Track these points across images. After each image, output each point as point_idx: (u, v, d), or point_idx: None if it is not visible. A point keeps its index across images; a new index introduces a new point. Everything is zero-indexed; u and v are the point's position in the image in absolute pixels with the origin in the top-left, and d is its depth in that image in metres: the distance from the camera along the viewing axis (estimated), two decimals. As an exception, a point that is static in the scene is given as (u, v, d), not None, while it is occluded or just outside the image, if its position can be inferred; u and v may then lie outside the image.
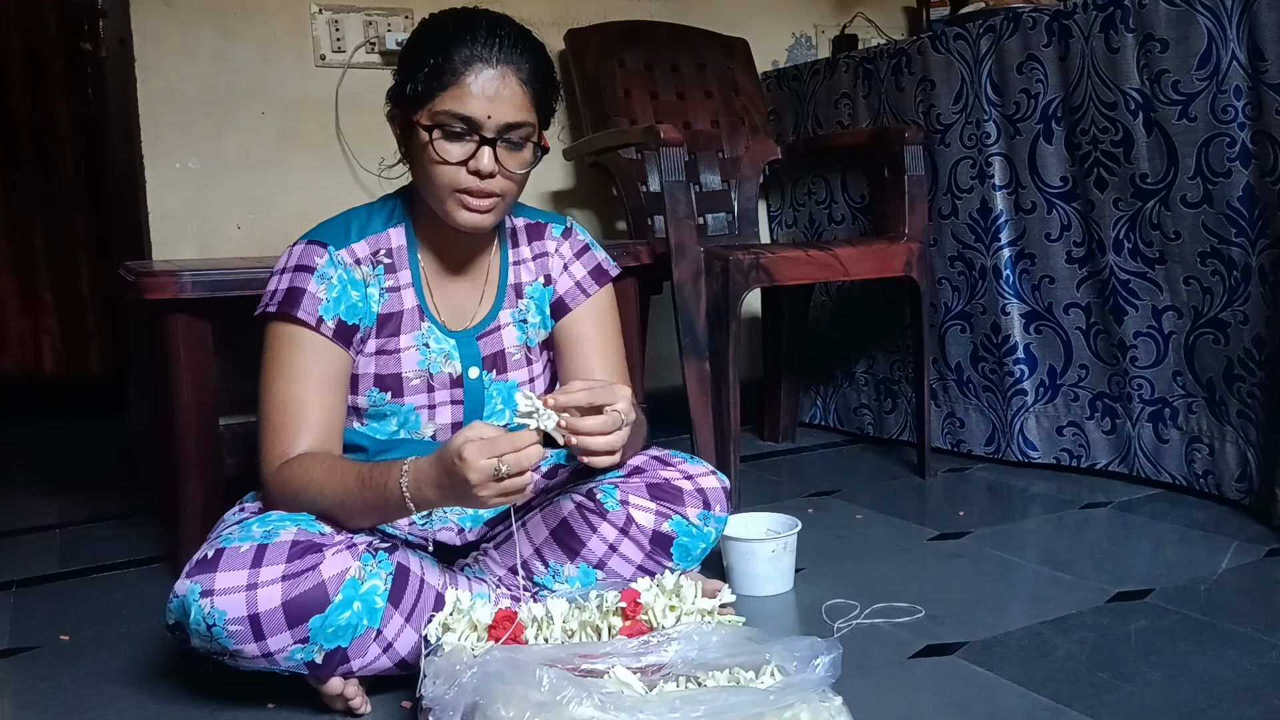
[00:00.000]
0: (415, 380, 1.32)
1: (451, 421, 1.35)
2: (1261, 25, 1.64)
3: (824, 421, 2.63)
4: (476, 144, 1.21)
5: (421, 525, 1.37)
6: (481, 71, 1.20)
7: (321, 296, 1.24)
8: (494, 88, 1.20)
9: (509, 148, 1.23)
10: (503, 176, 1.23)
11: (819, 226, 2.54)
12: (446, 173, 1.22)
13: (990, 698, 1.18)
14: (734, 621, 1.13)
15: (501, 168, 1.22)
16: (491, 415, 1.37)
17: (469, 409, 1.35)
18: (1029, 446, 2.15)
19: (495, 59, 1.20)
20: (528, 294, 1.40)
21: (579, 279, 1.42)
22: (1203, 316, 1.84)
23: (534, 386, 1.41)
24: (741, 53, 2.62)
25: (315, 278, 1.25)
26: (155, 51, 2.14)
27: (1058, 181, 2.01)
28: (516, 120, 1.22)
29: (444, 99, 1.20)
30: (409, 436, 1.33)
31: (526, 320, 1.40)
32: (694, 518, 1.34)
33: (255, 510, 1.26)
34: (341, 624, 1.13)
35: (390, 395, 1.31)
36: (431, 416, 1.34)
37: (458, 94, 1.19)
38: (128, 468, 2.49)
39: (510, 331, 1.38)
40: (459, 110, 1.20)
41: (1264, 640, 1.29)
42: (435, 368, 1.33)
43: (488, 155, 1.21)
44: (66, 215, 3.29)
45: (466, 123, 1.20)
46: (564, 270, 1.42)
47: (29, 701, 1.27)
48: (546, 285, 1.42)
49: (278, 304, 1.25)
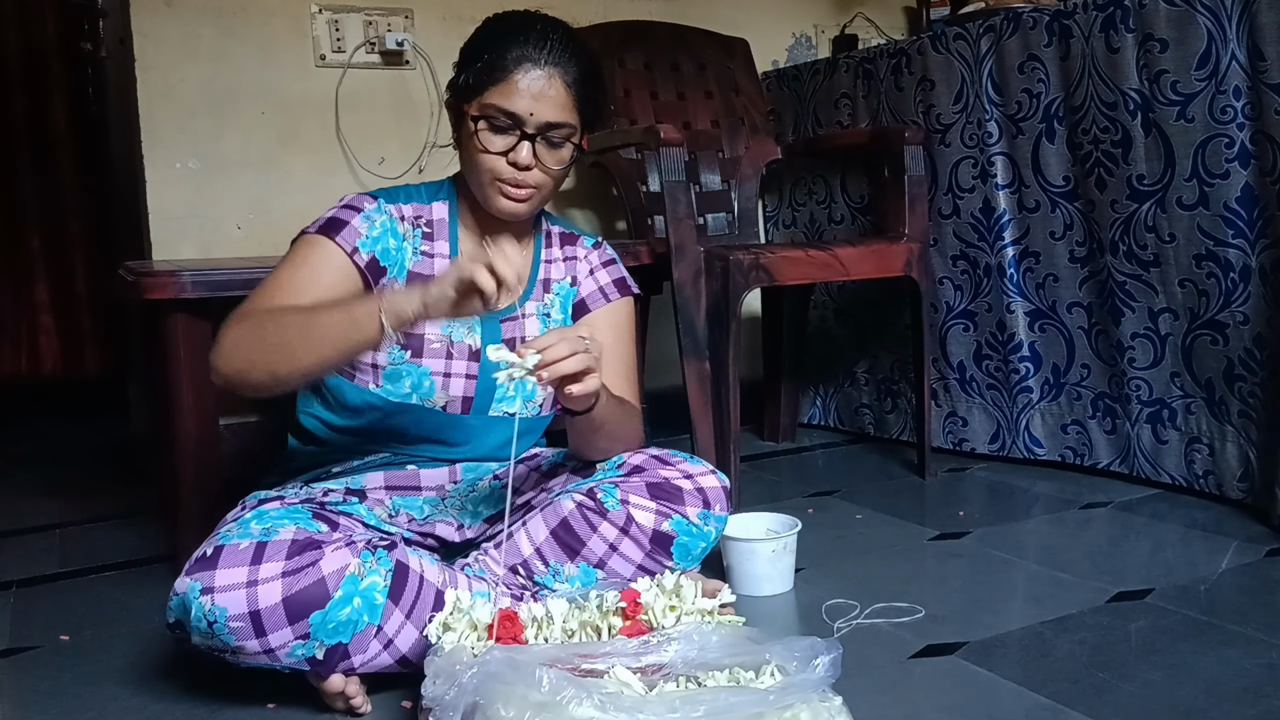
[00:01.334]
0: (436, 344, 1.35)
1: (463, 395, 1.37)
2: (1261, 25, 1.64)
3: (824, 421, 2.63)
4: (518, 138, 1.28)
5: (421, 521, 1.38)
6: (529, 71, 1.27)
7: (362, 233, 1.31)
8: (539, 87, 1.27)
9: (548, 145, 1.30)
10: (540, 171, 1.31)
11: (819, 226, 2.54)
12: (488, 161, 1.29)
13: (990, 698, 1.18)
14: (734, 621, 1.13)
15: (539, 163, 1.30)
16: (503, 400, 1.40)
17: (481, 387, 1.38)
18: (1035, 443, 2.15)
19: (544, 60, 1.28)
20: (554, 289, 1.46)
21: (602, 284, 1.48)
22: (1199, 318, 1.84)
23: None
24: (741, 53, 2.62)
25: (361, 217, 1.32)
26: (155, 51, 2.14)
27: (1060, 181, 2.01)
28: (558, 120, 1.29)
29: (492, 93, 1.28)
30: (421, 403, 1.35)
31: (550, 314, 1.45)
32: (694, 517, 1.34)
33: (254, 506, 1.26)
34: (342, 620, 1.13)
35: (410, 354, 1.34)
36: (445, 385, 1.36)
37: (505, 90, 1.27)
38: (128, 468, 2.49)
39: (534, 322, 1.43)
40: (504, 105, 1.27)
41: (1264, 640, 1.29)
42: (457, 336, 1.36)
43: (526, 150, 1.28)
44: (65, 215, 3.29)
45: (510, 117, 1.28)
46: (590, 275, 1.48)
47: (29, 701, 1.26)
48: (572, 286, 1.48)
49: (318, 227, 1.30)
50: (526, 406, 1.43)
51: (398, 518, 1.37)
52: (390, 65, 2.32)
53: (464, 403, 1.38)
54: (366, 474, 1.39)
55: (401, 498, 1.40)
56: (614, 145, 2.27)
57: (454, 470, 1.43)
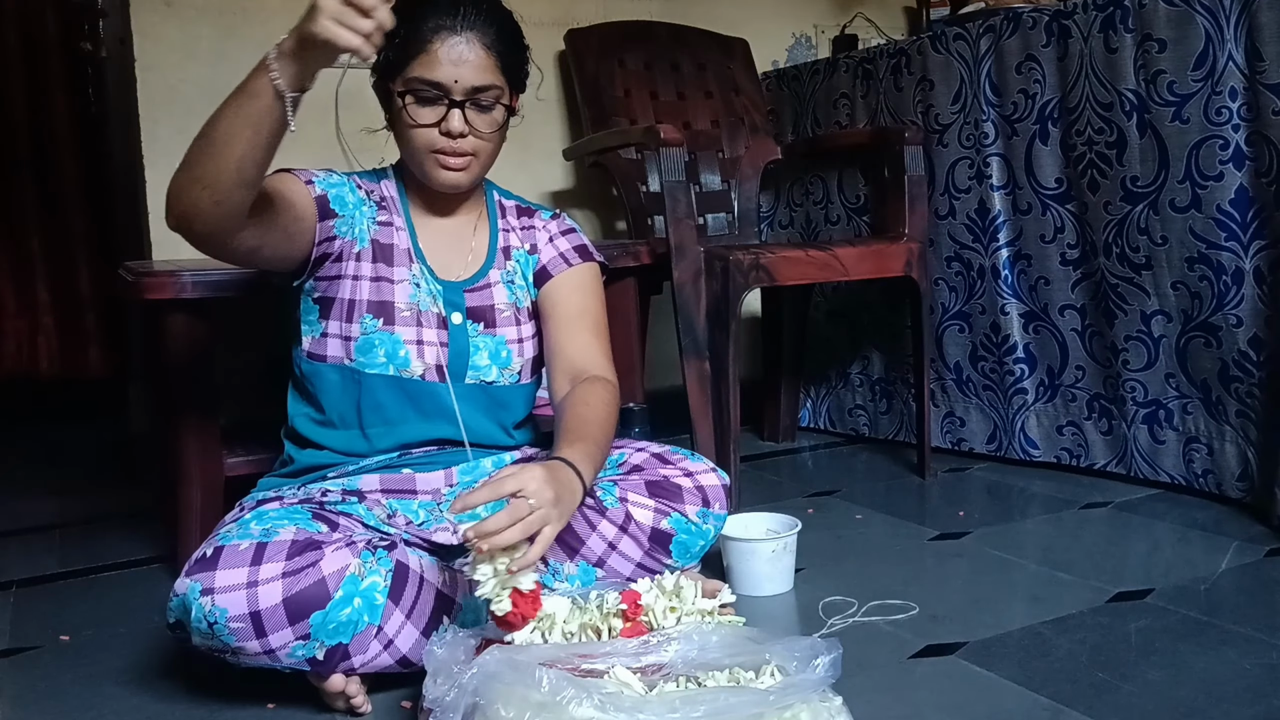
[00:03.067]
0: (406, 312, 1.35)
1: (437, 363, 1.36)
2: (1261, 25, 1.64)
3: (814, 424, 2.62)
4: (446, 107, 1.29)
5: (419, 526, 1.37)
6: (448, 39, 1.28)
7: (318, 175, 1.33)
8: (459, 53, 1.28)
9: (478, 109, 1.31)
10: (474, 137, 1.31)
11: (814, 227, 2.53)
12: (421, 135, 1.30)
13: (990, 698, 1.18)
14: (734, 622, 1.13)
15: (472, 128, 1.30)
16: (477, 367, 1.39)
17: (454, 352, 1.37)
18: (1030, 445, 2.15)
19: (460, 26, 1.28)
20: (514, 256, 1.45)
21: (562, 250, 1.47)
22: (1192, 320, 1.84)
23: (522, 347, 1.43)
24: (741, 53, 2.62)
25: (321, 171, 1.35)
26: (155, 51, 2.14)
27: (1053, 183, 2.01)
28: (483, 84, 1.29)
29: (415, 66, 1.28)
30: (398, 373, 1.34)
31: (514, 281, 1.44)
32: (693, 515, 1.34)
33: (252, 507, 1.26)
34: (342, 620, 1.13)
35: (382, 322, 1.34)
36: (420, 354, 1.35)
37: (426, 61, 1.28)
38: (128, 468, 2.49)
39: (500, 290, 1.42)
40: (428, 76, 1.28)
41: (1264, 640, 1.29)
42: (424, 305, 1.37)
43: (457, 117, 1.29)
44: (66, 215, 3.29)
45: (436, 87, 1.29)
46: (549, 242, 1.47)
47: (29, 701, 1.27)
48: (532, 254, 1.47)
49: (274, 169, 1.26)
50: (503, 375, 1.41)
51: (395, 518, 1.36)
52: (390, 65, 2.32)
53: (438, 369, 1.36)
54: (362, 476, 1.39)
55: (398, 500, 1.39)
56: (614, 145, 2.27)
57: (450, 474, 1.40)
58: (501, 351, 1.40)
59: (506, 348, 1.41)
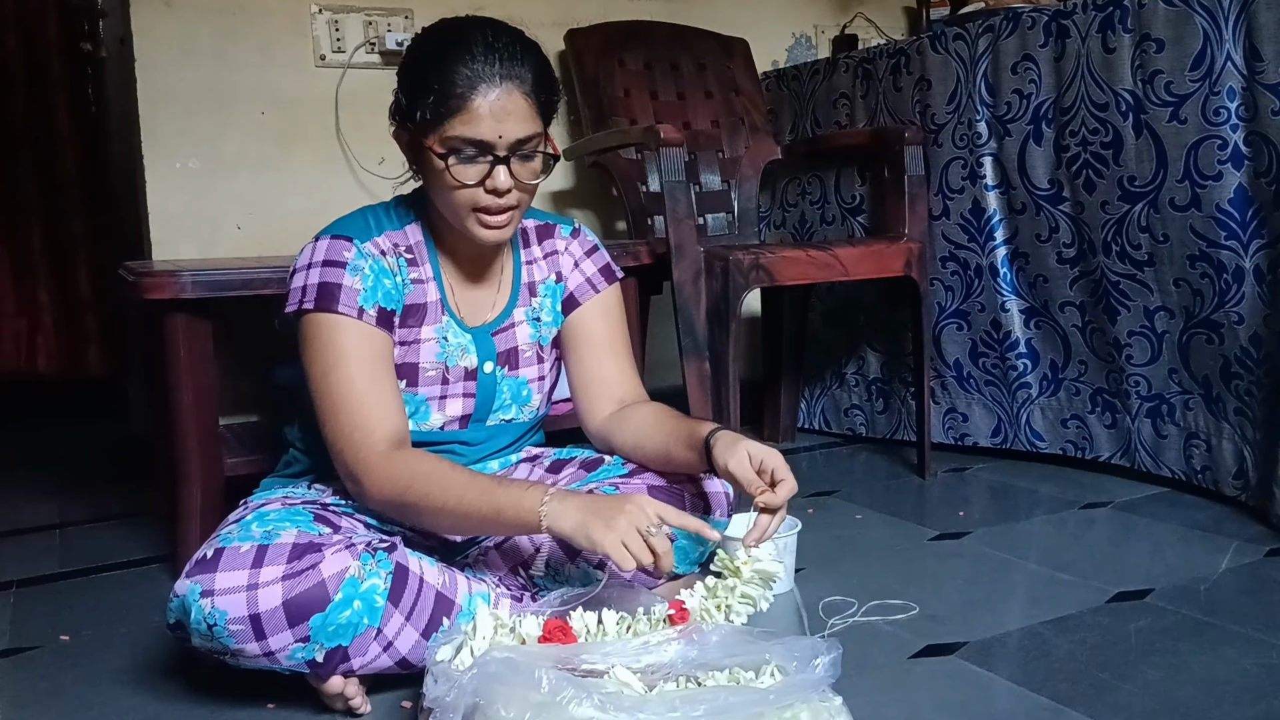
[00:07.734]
0: (431, 372, 1.33)
1: (461, 414, 1.36)
2: (1260, 25, 1.64)
3: (809, 424, 2.61)
4: (490, 164, 1.21)
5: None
6: (487, 93, 1.19)
7: (358, 288, 1.24)
8: (501, 106, 1.19)
9: (521, 160, 1.24)
10: (518, 189, 1.24)
11: (810, 227, 2.53)
12: (464, 195, 1.23)
13: (990, 698, 1.18)
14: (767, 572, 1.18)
15: (517, 181, 1.23)
16: (499, 409, 1.39)
17: (480, 401, 1.37)
18: (1036, 437, 2.16)
19: (498, 75, 1.19)
20: (541, 291, 1.43)
21: (589, 275, 1.45)
22: (1194, 317, 1.84)
23: (542, 384, 1.43)
24: (741, 53, 2.62)
25: (348, 271, 1.24)
26: (155, 51, 2.14)
27: (1045, 184, 2.01)
28: (526, 134, 1.22)
29: (453, 124, 1.20)
30: (416, 427, 1.33)
31: (540, 318, 1.42)
32: (694, 521, 1.34)
33: (255, 507, 1.26)
34: (342, 622, 1.13)
35: (405, 384, 1.32)
36: (441, 408, 1.34)
37: (467, 119, 1.19)
38: (128, 468, 2.49)
39: (524, 329, 1.41)
40: (471, 135, 1.20)
41: (1264, 640, 1.29)
42: (452, 360, 1.34)
43: (503, 174, 1.22)
44: (66, 215, 3.28)
45: (479, 146, 1.21)
46: (575, 267, 1.45)
47: (29, 701, 1.27)
48: (558, 282, 1.44)
49: (314, 300, 1.23)
50: (522, 412, 1.42)
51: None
52: (390, 65, 2.31)
53: (462, 420, 1.36)
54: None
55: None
56: (614, 145, 2.27)
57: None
58: (523, 391, 1.41)
59: (528, 387, 1.41)
